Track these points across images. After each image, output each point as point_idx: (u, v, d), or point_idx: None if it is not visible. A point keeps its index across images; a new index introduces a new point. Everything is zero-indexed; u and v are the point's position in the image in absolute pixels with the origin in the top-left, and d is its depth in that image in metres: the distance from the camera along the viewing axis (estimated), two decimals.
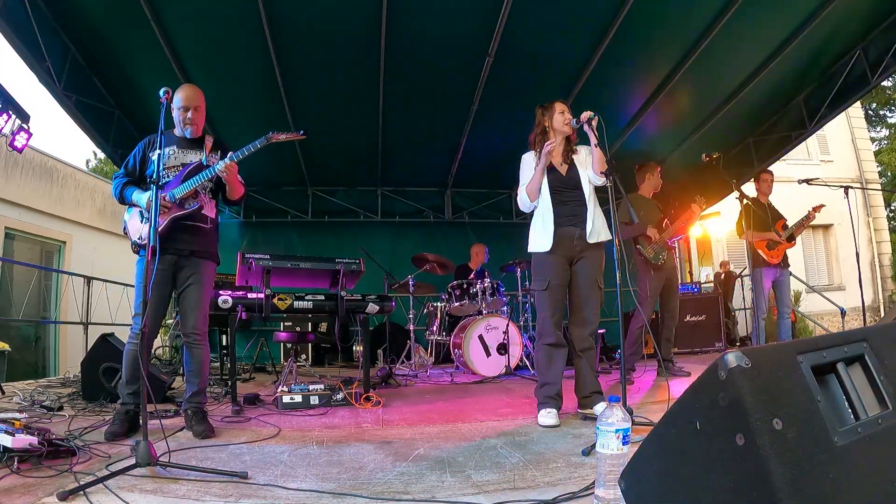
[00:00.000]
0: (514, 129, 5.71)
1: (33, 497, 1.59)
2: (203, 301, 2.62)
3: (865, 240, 11.82)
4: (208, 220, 2.66)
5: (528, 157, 2.92)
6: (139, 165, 2.60)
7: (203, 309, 2.62)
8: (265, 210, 7.32)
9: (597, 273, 2.78)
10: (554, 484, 1.68)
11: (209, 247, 2.68)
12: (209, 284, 2.68)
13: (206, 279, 2.64)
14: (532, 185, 2.79)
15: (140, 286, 2.49)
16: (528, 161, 2.90)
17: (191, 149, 2.64)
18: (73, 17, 3.98)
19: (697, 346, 6.14)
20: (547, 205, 2.77)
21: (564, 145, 2.87)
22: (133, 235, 2.58)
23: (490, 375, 4.69)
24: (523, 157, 2.94)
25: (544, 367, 2.75)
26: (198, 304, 2.59)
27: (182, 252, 2.55)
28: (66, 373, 5.44)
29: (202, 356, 2.62)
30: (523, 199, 2.86)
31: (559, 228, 2.73)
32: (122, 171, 2.62)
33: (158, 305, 2.54)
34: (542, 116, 2.88)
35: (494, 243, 6.62)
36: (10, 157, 7.74)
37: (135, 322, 2.50)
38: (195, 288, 2.59)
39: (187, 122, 2.59)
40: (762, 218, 4.51)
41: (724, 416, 0.94)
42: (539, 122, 2.89)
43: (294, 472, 1.88)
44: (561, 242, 2.73)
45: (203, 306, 2.62)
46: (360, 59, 4.56)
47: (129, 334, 2.54)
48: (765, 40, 4.62)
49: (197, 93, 2.62)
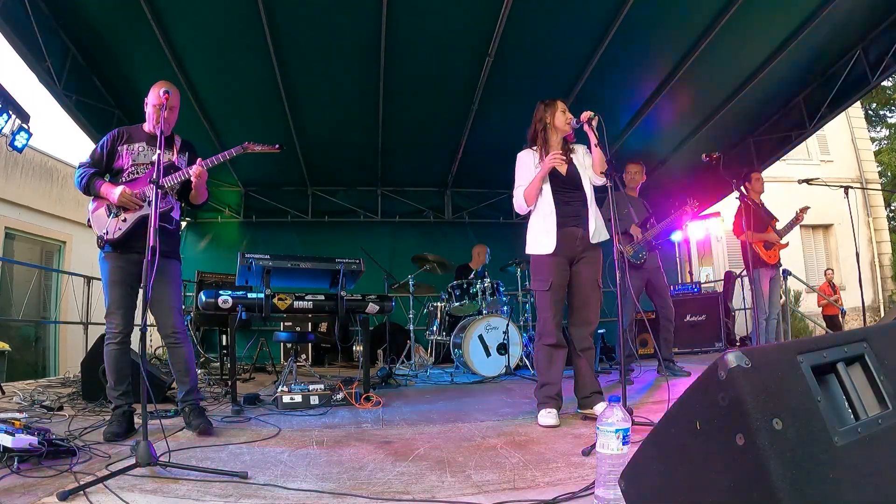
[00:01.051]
0: (514, 129, 5.69)
1: (33, 497, 1.59)
2: (177, 299, 2.62)
3: (865, 240, 11.82)
4: (173, 222, 2.67)
5: (524, 157, 2.88)
6: (106, 157, 2.56)
7: (178, 307, 2.61)
8: (265, 210, 7.32)
9: (597, 273, 2.77)
10: (554, 484, 1.68)
11: (174, 247, 2.71)
12: (178, 283, 2.70)
13: (175, 278, 2.65)
14: (531, 189, 2.76)
15: (107, 284, 2.49)
16: (525, 160, 2.86)
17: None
18: (73, 17, 3.99)
19: (697, 346, 6.14)
20: (549, 205, 2.73)
21: (563, 144, 2.85)
22: (98, 229, 2.52)
23: (490, 375, 4.69)
24: (519, 156, 2.89)
25: (544, 367, 2.74)
26: (172, 303, 2.58)
27: None
28: (66, 373, 5.43)
29: (186, 354, 2.61)
30: (520, 203, 2.82)
31: (562, 229, 2.71)
32: (88, 161, 2.56)
33: (131, 304, 2.53)
34: (543, 112, 2.85)
35: (494, 243, 6.61)
36: (10, 157, 7.74)
37: (109, 322, 2.48)
38: (167, 287, 2.56)
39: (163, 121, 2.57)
40: (760, 218, 4.51)
41: (724, 416, 0.94)
42: (540, 117, 2.85)
43: (294, 472, 1.88)
44: (563, 243, 2.71)
45: (178, 304, 2.62)
46: (360, 58, 4.56)
47: (106, 335, 2.50)
48: (765, 40, 4.62)
49: (177, 92, 2.60)
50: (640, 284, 4.22)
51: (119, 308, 2.47)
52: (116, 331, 2.46)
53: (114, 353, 2.47)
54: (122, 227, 2.47)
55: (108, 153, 2.56)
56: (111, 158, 2.57)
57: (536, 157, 2.82)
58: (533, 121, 2.89)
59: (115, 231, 2.47)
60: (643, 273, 4.19)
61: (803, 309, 9.85)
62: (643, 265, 4.17)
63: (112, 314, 2.47)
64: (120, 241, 2.48)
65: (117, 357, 2.47)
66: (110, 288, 2.49)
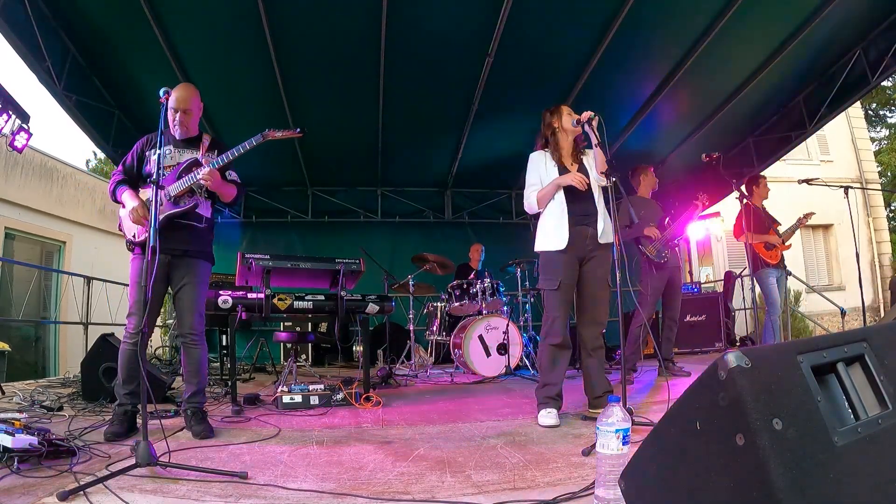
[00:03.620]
0: (514, 129, 5.75)
1: (33, 497, 1.59)
2: (199, 301, 2.62)
3: (865, 240, 11.81)
4: (203, 220, 2.65)
5: (536, 157, 2.91)
6: (136, 163, 2.60)
7: (199, 309, 2.61)
8: (265, 210, 7.33)
9: (607, 273, 2.78)
10: (554, 484, 1.68)
11: (203, 246, 2.67)
12: (204, 284, 2.67)
13: (201, 279, 2.64)
14: (545, 195, 2.80)
15: (135, 285, 2.50)
16: (537, 161, 2.89)
17: (187, 148, 2.64)
18: (73, 17, 3.98)
19: (697, 346, 6.14)
20: (561, 204, 2.76)
21: (574, 146, 2.88)
22: (128, 234, 2.57)
23: (490, 375, 4.69)
24: (531, 157, 2.93)
25: (547, 367, 2.74)
26: (194, 305, 2.58)
27: (175, 252, 2.54)
28: (66, 373, 5.44)
29: (200, 356, 2.62)
30: (531, 204, 2.86)
31: (574, 227, 2.73)
32: (121, 169, 2.62)
33: (154, 304, 2.53)
34: (550, 118, 2.90)
35: (494, 243, 6.63)
36: (10, 157, 7.73)
37: (129, 322, 2.49)
38: (190, 288, 2.58)
39: (176, 123, 2.59)
40: (761, 219, 4.52)
41: (724, 416, 0.94)
42: (548, 123, 2.89)
43: (294, 472, 1.88)
44: (575, 241, 2.73)
45: (199, 306, 2.61)
46: (360, 58, 4.56)
47: (124, 334, 2.53)
48: (765, 40, 4.62)
49: (189, 94, 2.61)
50: (663, 284, 4.21)
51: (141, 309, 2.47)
52: (135, 331, 2.46)
53: (128, 353, 2.48)
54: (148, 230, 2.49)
55: (139, 159, 2.61)
56: (141, 163, 2.60)
57: (549, 159, 2.86)
58: (541, 128, 2.94)
59: (142, 234, 2.49)
60: (665, 272, 4.19)
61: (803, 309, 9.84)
62: (666, 264, 4.16)
63: (133, 314, 2.48)
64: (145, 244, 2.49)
65: (131, 357, 2.47)
66: (135, 289, 2.50)
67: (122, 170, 2.61)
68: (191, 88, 2.65)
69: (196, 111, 2.66)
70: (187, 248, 2.58)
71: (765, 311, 4.60)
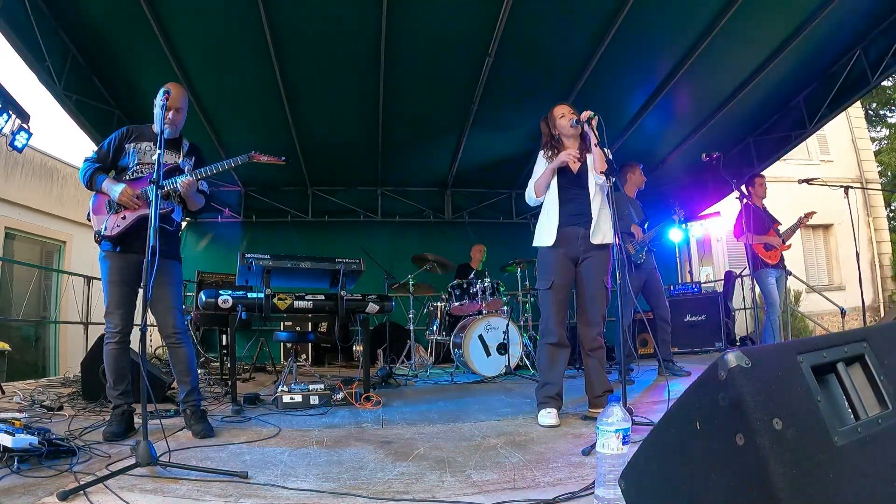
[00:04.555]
0: (514, 129, 5.75)
1: (33, 497, 1.59)
2: (177, 299, 2.62)
3: (865, 240, 11.81)
4: (174, 223, 2.66)
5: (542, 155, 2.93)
6: (112, 153, 2.57)
7: (179, 307, 2.61)
8: (265, 210, 7.33)
9: (603, 274, 2.78)
10: (554, 484, 1.68)
11: (174, 248, 2.70)
12: (180, 284, 2.70)
13: (177, 279, 2.65)
14: (541, 181, 2.82)
15: (107, 284, 2.49)
16: (542, 159, 2.91)
17: (167, 148, 2.60)
18: (73, 17, 3.99)
19: (697, 346, 6.14)
20: (553, 201, 2.79)
21: (580, 143, 2.86)
22: (97, 225, 2.53)
23: (490, 375, 4.69)
24: (540, 153, 2.95)
25: (546, 366, 2.75)
26: (172, 304, 2.58)
27: None
28: (66, 373, 5.43)
29: (188, 354, 2.61)
30: (530, 194, 2.91)
31: (563, 227, 2.75)
32: (94, 156, 2.57)
33: (131, 303, 2.53)
34: (546, 127, 2.91)
35: (494, 243, 6.62)
36: (10, 157, 7.73)
37: (108, 321, 2.48)
38: (168, 288, 2.57)
39: (167, 121, 2.55)
40: (761, 219, 4.51)
41: (724, 416, 0.94)
42: (546, 132, 2.91)
43: (294, 472, 1.88)
44: (564, 239, 2.74)
45: (178, 304, 2.62)
46: (360, 58, 4.56)
47: (105, 334, 2.51)
48: (765, 40, 4.62)
49: (182, 93, 2.61)
50: (639, 284, 4.29)
51: (118, 308, 2.47)
52: (115, 330, 2.46)
53: (113, 353, 2.47)
54: (121, 225, 2.47)
55: (115, 150, 2.57)
56: (118, 155, 2.57)
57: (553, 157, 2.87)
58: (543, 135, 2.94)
59: (114, 228, 2.47)
60: (641, 273, 4.25)
61: (803, 309, 9.85)
62: (642, 265, 4.23)
63: (111, 314, 2.47)
64: (117, 239, 2.48)
65: (116, 356, 2.48)
66: (109, 287, 2.49)
67: (96, 157, 2.56)
68: (182, 87, 2.65)
69: (185, 111, 2.66)
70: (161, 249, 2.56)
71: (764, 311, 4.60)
